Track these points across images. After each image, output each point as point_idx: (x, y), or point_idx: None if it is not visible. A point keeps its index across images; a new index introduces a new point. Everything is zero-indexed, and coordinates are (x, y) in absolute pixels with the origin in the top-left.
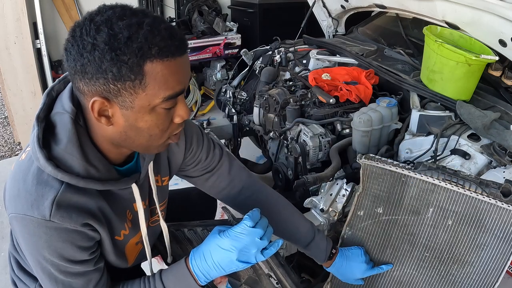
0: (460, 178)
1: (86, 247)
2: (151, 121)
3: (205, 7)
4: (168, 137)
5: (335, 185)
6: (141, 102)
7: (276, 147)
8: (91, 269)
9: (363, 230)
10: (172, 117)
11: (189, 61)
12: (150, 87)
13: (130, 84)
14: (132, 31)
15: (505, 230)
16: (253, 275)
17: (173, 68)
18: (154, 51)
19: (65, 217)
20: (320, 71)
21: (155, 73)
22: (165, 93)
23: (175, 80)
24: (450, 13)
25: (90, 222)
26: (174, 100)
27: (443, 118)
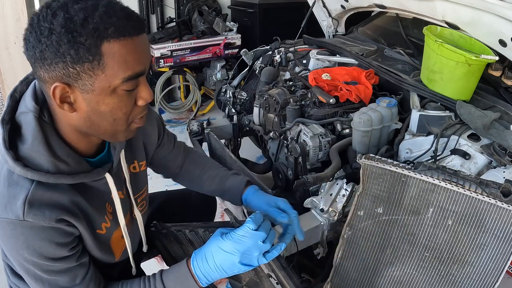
0: (460, 178)
1: (64, 243)
2: (113, 103)
3: (205, 7)
4: (132, 120)
5: (335, 185)
6: (101, 84)
7: (276, 147)
8: (74, 265)
9: (363, 230)
10: (135, 99)
11: (148, 43)
12: (109, 67)
13: (89, 66)
14: (88, 13)
15: (505, 230)
16: (254, 277)
17: (130, 48)
18: (111, 31)
19: (38, 215)
20: (320, 71)
21: (112, 53)
22: (125, 73)
23: (134, 60)
24: (450, 13)
25: (65, 217)
26: (135, 82)
27: (443, 118)
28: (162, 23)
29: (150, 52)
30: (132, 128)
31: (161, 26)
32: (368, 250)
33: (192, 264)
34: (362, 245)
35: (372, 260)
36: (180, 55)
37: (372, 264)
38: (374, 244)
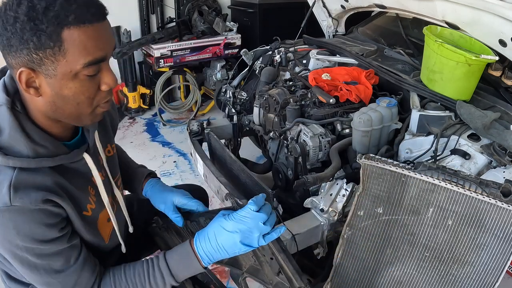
0: (460, 178)
1: (53, 224)
2: (75, 88)
3: (205, 7)
4: (96, 105)
5: (335, 185)
6: (63, 69)
7: (276, 147)
8: (66, 246)
9: (363, 230)
10: (99, 84)
11: (110, 29)
12: (70, 53)
13: (51, 52)
14: (50, 1)
15: (505, 230)
16: (255, 264)
17: (90, 34)
18: (71, 18)
19: (25, 197)
20: (320, 71)
21: (73, 39)
22: (85, 59)
23: (94, 46)
24: (450, 13)
25: (51, 197)
26: (96, 67)
27: (443, 118)
28: (162, 23)
29: (113, 38)
30: (97, 112)
31: (161, 26)
32: (368, 250)
33: (195, 244)
34: (362, 245)
35: (372, 260)
36: (180, 55)
37: (372, 264)
38: (374, 244)
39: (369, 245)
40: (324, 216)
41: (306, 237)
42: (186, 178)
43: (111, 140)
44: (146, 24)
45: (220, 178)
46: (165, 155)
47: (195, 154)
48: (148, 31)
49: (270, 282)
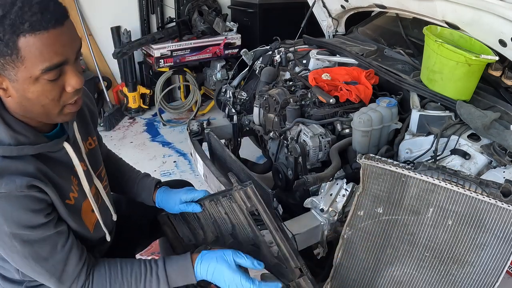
0: (460, 178)
1: (39, 210)
2: (37, 91)
3: (205, 7)
4: (63, 105)
5: (335, 185)
6: (23, 74)
7: (276, 147)
8: (52, 232)
9: (363, 230)
10: (64, 86)
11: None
12: (27, 60)
13: (9, 59)
14: (6, 9)
15: (505, 230)
16: (255, 245)
17: (46, 41)
18: (26, 25)
19: (10, 183)
20: (320, 71)
21: (29, 46)
22: (43, 65)
23: (50, 52)
24: (450, 13)
25: (35, 183)
26: (56, 71)
27: (443, 118)
28: (162, 23)
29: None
30: (66, 112)
31: (161, 26)
32: (368, 250)
33: (195, 267)
34: (362, 245)
35: (372, 260)
36: (180, 55)
37: (372, 264)
38: (374, 244)
39: (369, 245)
40: (324, 216)
41: (306, 237)
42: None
43: (92, 132)
44: (146, 24)
45: (220, 178)
46: (165, 155)
47: (195, 154)
48: (148, 31)
49: (269, 262)
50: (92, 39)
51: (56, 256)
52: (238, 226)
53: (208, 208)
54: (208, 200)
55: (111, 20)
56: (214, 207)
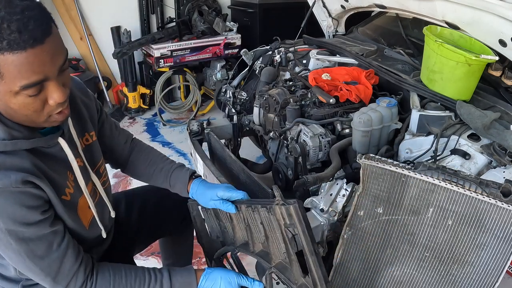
0: (460, 178)
1: (35, 206)
2: (19, 104)
3: (205, 7)
4: (48, 115)
5: (335, 185)
6: (3, 88)
7: (276, 147)
8: (48, 231)
9: (363, 230)
10: (46, 99)
11: (52, 48)
12: (6, 76)
13: None
14: None
15: (505, 230)
16: (284, 260)
17: (23, 60)
18: (4, 43)
19: (5, 179)
20: (320, 71)
21: (7, 64)
22: (21, 83)
23: (28, 71)
24: (450, 13)
25: (30, 179)
26: (36, 88)
27: (443, 118)
28: (162, 23)
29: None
30: (52, 120)
31: (161, 26)
32: (368, 250)
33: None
34: (362, 245)
35: (372, 260)
36: (180, 55)
37: (372, 264)
38: (374, 244)
39: (369, 245)
40: (324, 216)
41: None
42: None
43: (89, 128)
44: (146, 24)
45: (220, 178)
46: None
47: (195, 154)
48: (148, 31)
49: (295, 282)
50: (92, 39)
51: (51, 255)
52: (271, 238)
53: (244, 212)
54: (245, 204)
55: (111, 20)
56: (251, 214)
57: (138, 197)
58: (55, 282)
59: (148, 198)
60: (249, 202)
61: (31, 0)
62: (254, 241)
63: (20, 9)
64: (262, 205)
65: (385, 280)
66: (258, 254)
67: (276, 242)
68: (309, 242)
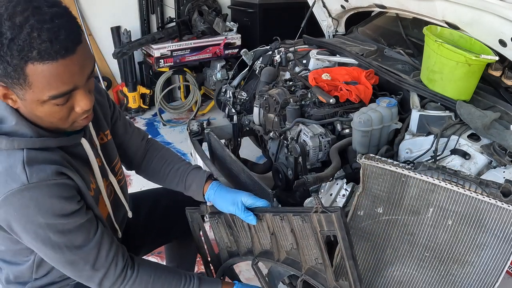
0: (460, 178)
1: (70, 197)
2: (46, 111)
3: (205, 7)
4: (73, 122)
5: (335, 185)
6: (31, 96)
7: (276, 147)
8: (85, 220)
9: (363, 230)
10: (73, 106)
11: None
12: (35, 86)
13: (17, 82)
14: (15, 33)
15: (505, 230)
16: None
17: (53, 71)
18: (34, 53)
19: (40, 173)
20: (320, 71)
21: (36, 74)
22: (50, 93)
23: (58, 81)
24: (450, 13)
25: (63, 170)
26: (64, 98)
27: (443, 118)
28: (162, 23)
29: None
30: (76, 125)
31: (161, 26)
32: (368, 250)
33: None
34: (362, 245)
35: (372, 260)
36: (180, 55)
37: (372, 264)
38: (374, 244)
39: (369, 245)
40: None
41: None
42: None
43: (104, 128)
44: (146, 24)
45: (220, 178)
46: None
47: (195, 154)
48: (148, 31)
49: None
50: (92, 39)
51: (90, 243)
52: (301, 245)
53: (269, 220)
54: (271, 213)
55: (111, 20)
56: (278, 222)
57: (148, 199)
58: (94, 269)
59: (158, 200)
60: (275, 210)
61: (58, 6)
62: (279, 249)
63: (50, 17)
64: (295, 214)
65: (385, 280)
66: (284, 262)
67: (307, 248)
68: (348, 247)
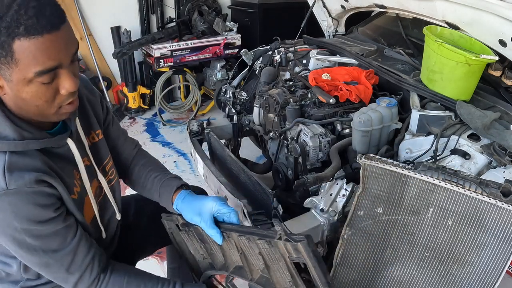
0: (460, 178)
1: (48, 205)
2: (32, 92)
3: (205, 7)
4: (58, 106)
5: (335, 185)
6: (17, 75)
7: (276, 147)
8: (62, 226)
9: (363, 230)
10: (58, 88)
11: (66, 36)
12: (21, 62)
13: (4, 60)
14: (3, 12)
15: (505, 230)
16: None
17: (40, 46)
18: (21, 29)
19: (19, 180)
20: (320, 71)
21: (23, 50)
22: (35, 68)
23: (44, 56)
24: (450, 13)
25: (43, 178)
26: (50, 75)
27: (443, 118)
28: (162, 23)
29: (72, 43)
30: (62, 112)
31: (161, 26)
32: (368, 250)
33: None
34: (362, 245)
35: (372, 260)
36: (180, 55)
37: (372, 264)
38: (374, 244)
39: (369, 245)
40: (324, 216)
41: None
42: (186, 178)
43: (95, 127)
44: (146, 24)
45: (220, 178)
46: (165, 155)
47: (195, 154)
48: (148, 31)
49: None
50: (92, 39)
51: (65, 248)
52: (273, 267)
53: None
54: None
55: (111, 20)
56: (245, 243)
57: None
58: (68, 272)
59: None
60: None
61: None
62: (251, 268)
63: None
64: (260, 238)
65: (385, 280)
66: (258, 282)
67: (279, 271)
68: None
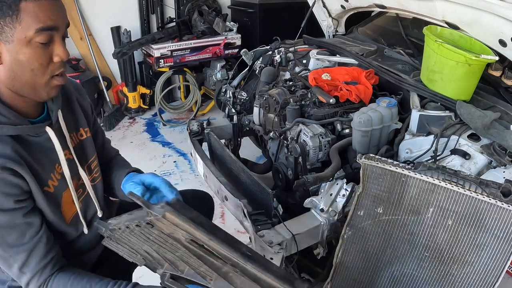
0: (460, 178)
1: (10, 194)
2: (29, 53)
3: (205, 7)
4: (50, 75)
5: (335, 185)
6: (18, 35)
7: (276, 147)
8: (21, 221)
9: (363, 230)
10: (51, 55)
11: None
12: (24, 21)
13: (9, 19)
14: None
15: (505, 230)
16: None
17: (43, 7)
18: None
19: None
20: (320, 71)
21: (28, 9)
22: (36, 25)
23: (45, 16)
24: (450, 13)
25: (11, 166)
26: (47, 35)
27: (443, 118)
28: (162, 23)
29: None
30: (52, 85)
31: (161, 26)
32: (368, 250)
33: None
34: (362, 245)
35: (372, 260)
36: (180, 55)
37: (372, 264)
38: (374, 244)
39: (369, 245)
40: (324, 216)
41: (306, 237)
42: (186, 178)
43: (83, 124)
44: (146, 24)
45: (220, 178)
46: (165, 155)
47: (195, 154)
48: (148, 31)
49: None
50: (92, 39)
51: (21, 246)
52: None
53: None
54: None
55: (111, 20)
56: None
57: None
58: (20, 271)
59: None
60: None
61: None
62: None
63: None
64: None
65: (385, 280)
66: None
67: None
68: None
